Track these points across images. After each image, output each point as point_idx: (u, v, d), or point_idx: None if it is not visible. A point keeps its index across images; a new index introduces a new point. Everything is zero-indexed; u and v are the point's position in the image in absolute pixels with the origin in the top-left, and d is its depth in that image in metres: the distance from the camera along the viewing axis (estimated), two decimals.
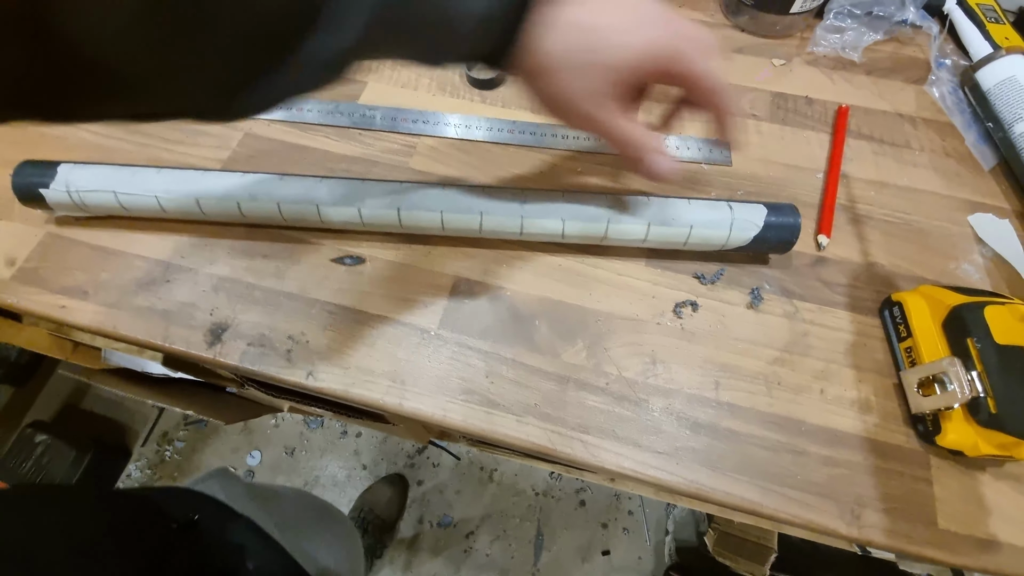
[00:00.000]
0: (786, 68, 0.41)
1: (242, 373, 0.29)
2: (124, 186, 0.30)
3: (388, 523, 1.02)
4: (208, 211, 0.30)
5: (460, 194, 0.30)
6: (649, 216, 0.29)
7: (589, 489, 1.08)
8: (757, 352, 0.30)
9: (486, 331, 0.30)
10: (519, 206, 0.30)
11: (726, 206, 0.29)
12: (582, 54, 0.22)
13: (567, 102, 0.24)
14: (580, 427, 0.27)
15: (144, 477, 1.08)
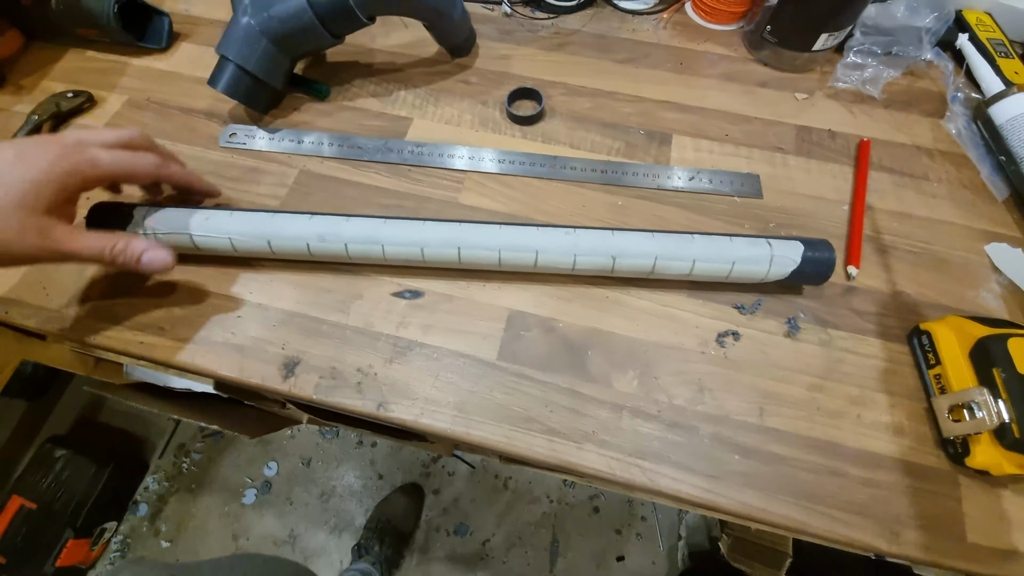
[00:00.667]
0: (808, 102, 0.44)
1: (316, 405, 0.31)
2: (199, 228, 0.32)
3: (405, 533, 1.04)
4: (278, 251, 0.32)
5: (516, 232, 0.32)
6: (694, 252, 0.31)
7: (602, 496, 1.10)
8: (796, 379, 0.32)
9: (542, 362, 0.32)
10: (572, 243, 0.32)
11: (765, 243, 0.32)
12: None
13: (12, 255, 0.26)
14: (637, 453, 0.29)
15: (162, 489, 1.09)
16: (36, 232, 0.26)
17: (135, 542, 1.05)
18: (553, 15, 0.49)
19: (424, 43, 0.47)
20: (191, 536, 1.05)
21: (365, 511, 1.08)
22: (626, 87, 0.44)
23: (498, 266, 0.33)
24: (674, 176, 0.39)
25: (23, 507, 0.95)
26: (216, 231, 0.32)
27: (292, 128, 0.41)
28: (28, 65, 0.46)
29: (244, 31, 0.36)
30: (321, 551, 1.05)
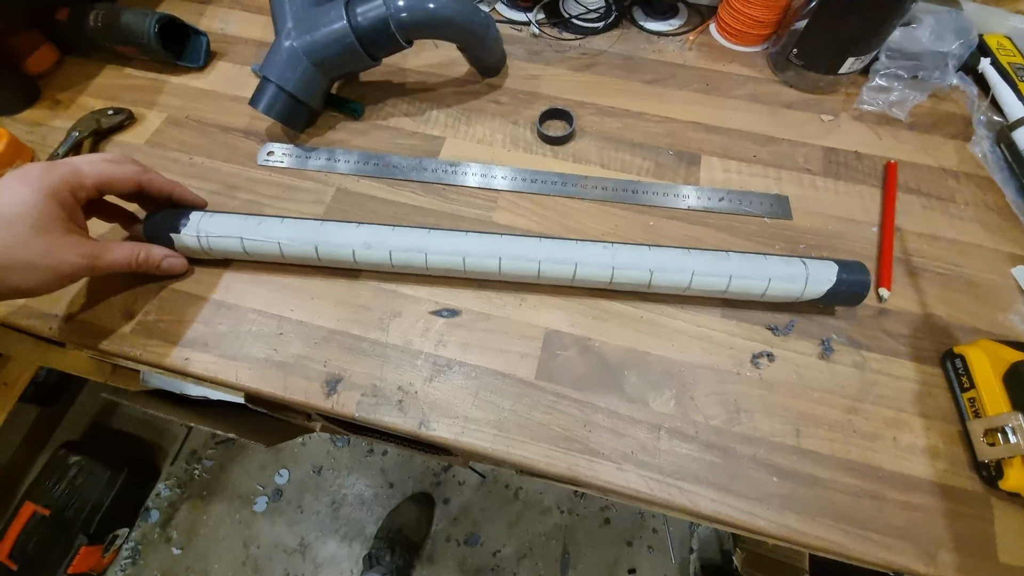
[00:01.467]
0: (834, 124, 0.44)
1: (358, 422, 0.31)
2: (250, 233, 0.33)
3: (416, 543, 1.04)
4: (324, 257, 0.33)
5: (556, 245, 0.33)
6: (730, 269, 0.32)
7: (613, 507, 1.09)
8: (832, 401, 0.32)
9: (580, 381, 0.32)
10: (611, 257, 0.32)
11: (800, 262, 0.32)
12: None
13: (51, 278, 0.28)
14: (676, 474, 0.29)
15: (173, 496, 1.09)
16: (68, 250, 0.28)
17: (146, 549, 1.05)
18: (580, 36, 0.50)
19: (455, 63, 0.48)
20: (202, 543, 1.05)
21: (376, 520, 1.08)
22: (654, 107, 0.45)
23: (537, 278, 0.33)
24: (704, 197, 0.39)
25: (36, 513, 0.95)
26: (266, 236, 0.33)
27: (328, 147, 0.42)
28: (64, 80, 0.47)
29: (286, 53, 0.37)
30: (332, 560, 1.05)
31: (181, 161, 0.41)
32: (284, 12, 0.38)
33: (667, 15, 0.51)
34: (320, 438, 1.17)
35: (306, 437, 1.16)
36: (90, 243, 0.30)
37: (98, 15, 0.44)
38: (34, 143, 0.43)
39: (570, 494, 1.11)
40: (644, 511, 1.09)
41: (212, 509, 1.08)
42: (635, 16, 0.51)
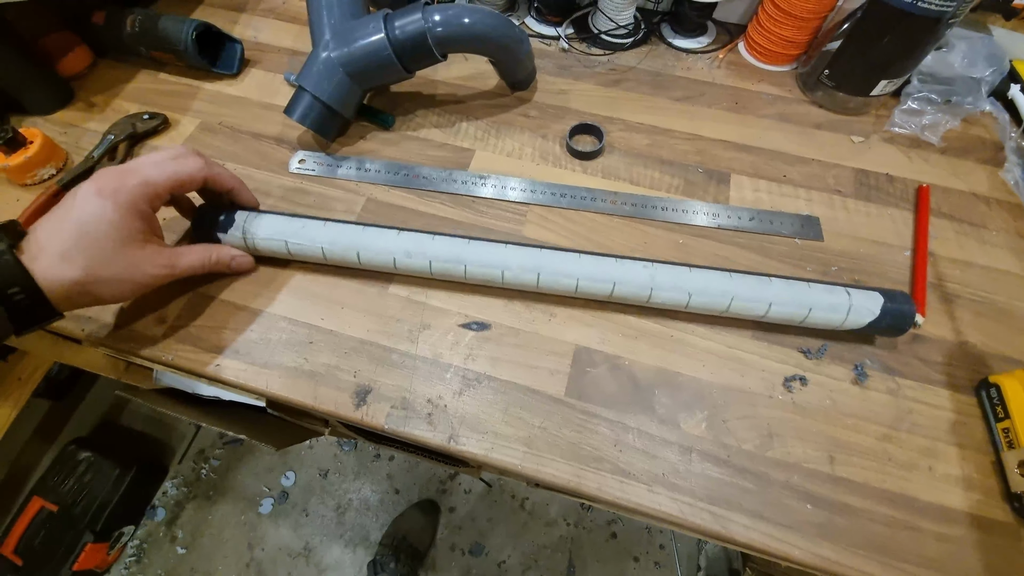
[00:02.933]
0: (864, 145, 0.44)
1: (387, 434, 0.31)
2: (294, 236, 0.33)
3: (420, 551, 1.03)
4: (365, 262, 0.34)
5: (595, 262, 0.33)
6: (771, 295, 0.32)
7: (620, 521, 1.08)
8: (866, 428, 0.32)
9: (610, 400, 0.32)
10: (650, 277, 0.32)
11: (844, 292, 0.32)
12: (92, 271, 0.27)
13: (132, 288, 0.30)
14: (708, 498, 0.29)
15: (180, 495, 1.09)
16: (148, 262, 0.29)
17: (151, 548, 1.05)
18: (609, 51, 0.50)
19: (484, 76, 0.48)
20: (207, 543, 1.05)
21: (381, 526, 1.08)
22: (683, 125, 0.45)
23: (573, 293, 0.33)
24: (734, 216, 0.39)
25: (44, 509, 0.95)
26: (310, 240, 0.33)
27: (358, 156, 0.42)
28: (98, 83, 0.48)
29: (323, 64, 0.38)
30: (336, 565, 1.04)
31: None
32: (322, 24, 0.38)
33: (696, 33, 0.51)
34: (327, 442, 1.17)
35: (313, 440, 1.16)
36: (167, 252, 0.31)
37: (136, 20, 0.45)
38: (68, 144, 0.43)
39: (577, 506, 1.10)
40: (652, 526, 1.08)
41: (218, 509, 1.08)
42: (664, 33, 0.51)
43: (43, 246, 0.26)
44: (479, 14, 0.38)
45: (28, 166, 0.40)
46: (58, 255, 0.26)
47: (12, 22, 0.42)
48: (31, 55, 0.44)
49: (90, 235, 0.27)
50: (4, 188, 0.41)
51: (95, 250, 0.27)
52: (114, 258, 0.28)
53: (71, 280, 0.27)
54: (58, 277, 0.26)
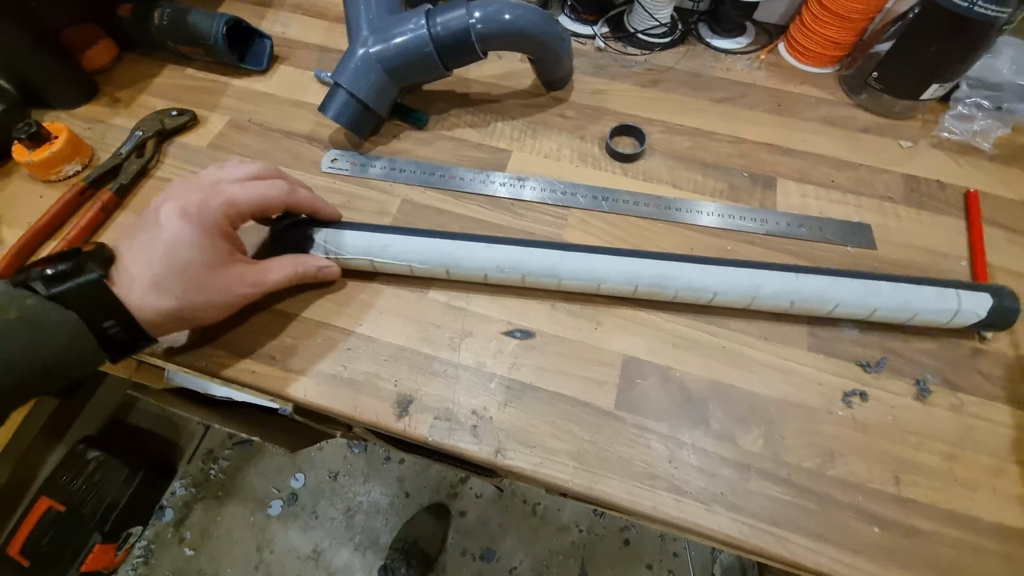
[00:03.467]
0: (913, 151, 0.43)
1: (431, 446, 0.30)
2: (381, 254, 0.32)
3: (431, 555, 1.02)
4: (455, 276, 0.33)
5: (697, 269, 0.31)
6: (877, 303, 0.31)
7: (634, 528, 1.07)
8: (930, 446, 0.30)
9: (662, 413, 0.31)
10: (754, 286, 0.31)
11: (954, 295, 0.31)
12: (184, 297, 0.26)
13: (223, 310, 0.29)
14: (770, 520, 0.28)
15: (188, 495, 1.08)
16: (237, 282, 0.28)
17: (159, 549, 1.03)
18: (646, 51, 0.49)
19: (518, 74, 0.47)
20: (215, 545, 1.04)
21: (391, 529, 1.06)
22: (725, 127, 0.44)
23: (673, 298, 0.32)
24: (783, 222, 0.38)
25: (51, 509, 0.94)
26: (397, 258, 0.32)
27: (392, 156, 0.41)
28: (123, 77, 0.47)
29: (361, 60, 0.36)
30: (345, 569, 1.03)
31: None
32: (359, 19, 0.37)
33: (734, 33, 0.50)
34: (337, 443, 1.15)
35: (323, 442, 1.15)
36: (255, 271, 0.29)
37: (164, 13, 0.44)
38: (93, 140, 0.42)
39: (589, 512, 1.09)
40: (665, 534, 1.07)
41: (227, 511, 1.07)
42: (701, 33, 0.50)
43: (134, 275, 0.25)
44: (523, 10, 0.36)
45: (53, 162, 0.39)
46: (151, 284, 0.25)
47: (35, 12, 0.41)
48: (54, 47, 0.43)
49: (181, 262, 0.26)
50: (27, 184, 0.40)
51: (187, 277, 0.26)
52: (206, 284, 0.27)
53: (166, 310, 0.26)
54: (153, 308, 0.25)
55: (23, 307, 0.22)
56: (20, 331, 0.22)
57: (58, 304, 0.23)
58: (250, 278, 0.29)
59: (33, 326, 0.22)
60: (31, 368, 0.22)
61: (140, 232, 0.27)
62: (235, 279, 0.28)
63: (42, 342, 0.22)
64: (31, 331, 0.22)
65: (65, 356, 0.23)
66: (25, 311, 0.22)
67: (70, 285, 0.24)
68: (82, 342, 0.24)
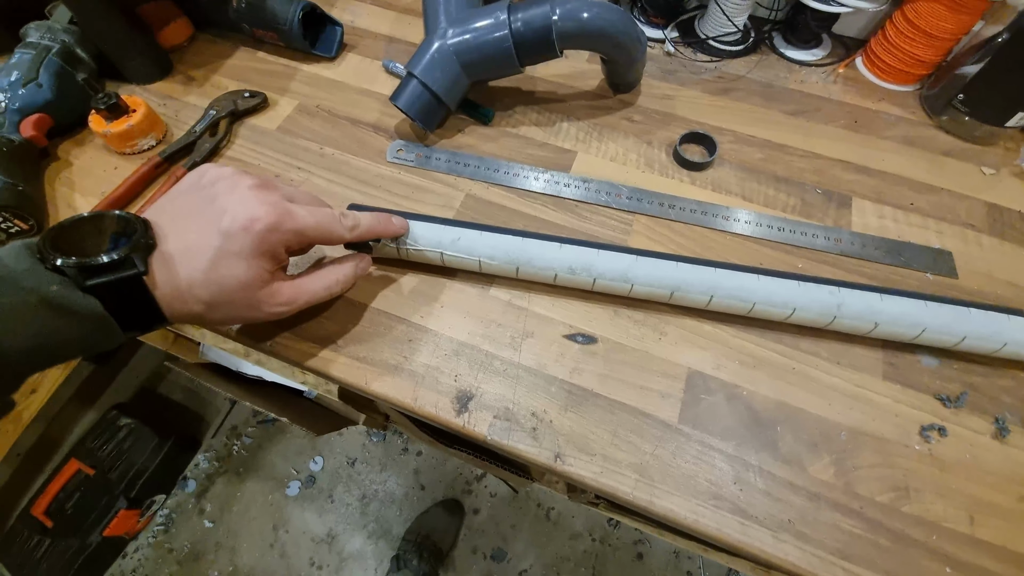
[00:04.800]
0: (995, 178, 0.41)
1: (489, 446, 0.30)
2: (450, 248, 0.32)
3: (443, 550, 1.02)
4: (524, 276, 0.32)
5: (775, 283, 0.31)
6: (967, 330, 0.30)
7: (647, 542, 1.05)
8: (1006, 487, 0.29)
9: (728, 432, 0.30)
10: (835, 304, 0.30)
11: (1005, 318, 0.29)
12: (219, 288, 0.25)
13: (247, 322, 0.28)
14: (840, 553, 0.27)
15: (211, 468, 1.11)
16: (268, 301, 0.27)
17: (180, 518, 1.06)
18: (716, 58, 0.48)
19: (584, 75, 0.46)
20: (233, 519, 1.06)
21: (404, 520, 1.07)
22: (798, 141, 0.42)
23: (749, 312, 0.31)
24: (858, 243, 0.37)
25: (80, 471, 0.96)
26: (467, 252, 0.32)
27: (455, 150, 0.41)
28: (196, 57, 0.48)
29: (437, 52, 0.36)
30: (358, 555, 1.04)
31: (312, 151, 0.41)
32: (438, 11, 0.37)
33: (810, 44, 0.48)
34: (357, 430, 1.16)
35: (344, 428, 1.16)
36: (289, 289, 0.28)
37: None
38: (167, 117, 0.43)
39: (603, 522, 1.07)
40: (680, 552, 1.05)
41: (246, 487, 1.09)
42: (775, 43, 0.49)
43: (172, 272, 0.24)
44: (603, 9, 0.36)
45: (130, 135, 0.39)
46: (186, 286, 0.24)
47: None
48: (134, 22, 0.44)
49: (224, 275, 0.25)
50: (102, 154, 0.41)
51: (223, 290, 0.25)
52: (238, 300, 0.26)
53: (192, 313, 0.25)
54: (180, 308, 0.25)
55: (47, 293, 0.21)
56: (39, 316, 0.21)
57: (89, 294, 0.22)
58: (283, 296, 0.27)
59: (55, 312, 0.21)
60: (45, 349, 0.22)
61: (191, 217, 0.25)
62: (267, 297, 0.27)
63: (62, 327, 0.21)
64: (51, 317, 0.21)
65: (83, 340, 0.23)
66: (49, 297, 0.21)
67: (108, 279, 0.22)
68: (104, 330, 0.23)
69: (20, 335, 0.21)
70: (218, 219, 0.24)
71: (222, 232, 0.24)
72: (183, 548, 1.04)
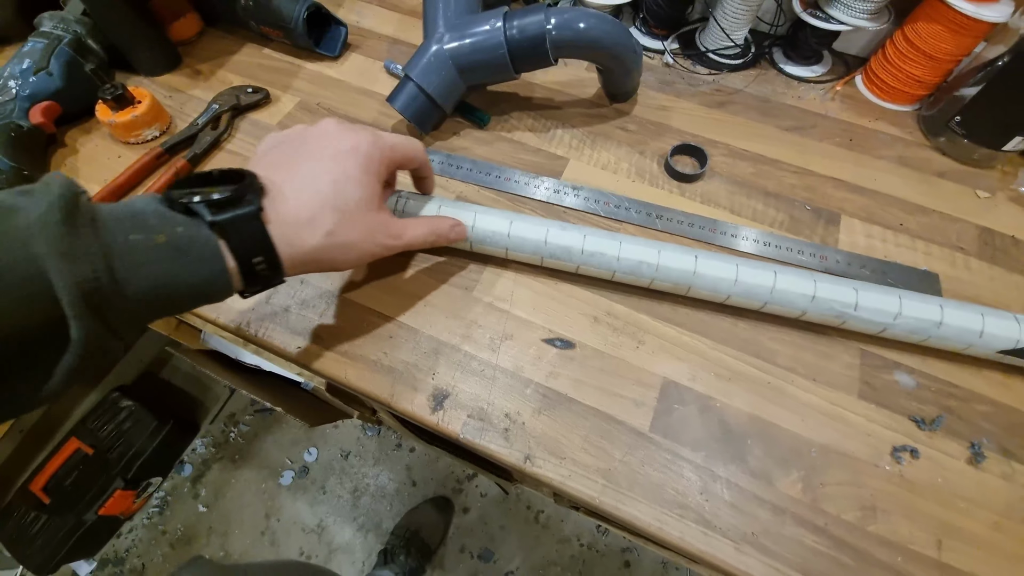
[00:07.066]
0: (990, 202, 0.41)
1: (462, 444, 0.30)
2: (516, 245, 0.33)
3: (430, 547, 1.02)
4: (583, 271, 0.33)
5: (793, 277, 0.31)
6: (942, 318, 0.30)
7: (635, 550, 1.05)
8: (977, 514, 0.28)
9: (698, 443, 0.30)
10: (852, 307, 0.31)
11: (1014, 318, 0.30)
12: (331, 238, 0.25)
13: (359, 257, 0.27)
14: (801, 568, 0.27)
15: (208, 454, 1.12)
16: (379, 231, 0.27)
17: (174, 501, 1.08)
18: (715, 71, 0.48)
19: (582, 83, 0.47)
20: (226, 505, 1.08)
21: (394, 515, 1.08)
22: (791, 157, 0.42)
23: (729, 294, 0.32)
24: (843, 261, 0.37)
25: (79, 450, 0.97)
26: (532, 251, 0.33)
27: (451, 152, 0.42)
28: (204, 51, 0.49)
29: (434, 56, 0.37)
30: (346, 547, 1.05)
31: None
32: (437, 16, 0.38)
33: (810, 61, 0.48)
34: (352, 424, 1.18)
35: (339, 421, 1.17)
36: (397, 223, 0.28)
37: None
38: (172, 108, 0.44)
39: (592, 528, 1.07)
40: (667, 561, 1.05)
41: (241, 474, 1.11)
42: (775, 58, 0.49)
43: (291, 206, 0.24)
44: (599, 20, 0.36)
45: (134, 125, 0.41)
46: (308, 218, 0.24)
47: None
48: (145, 15, 0.45)
49: (344, 197, 0.25)
50: (107, 143, 0.42)
51: (345, 213, 0.25)
52: (358, 223, 0.26)
53: (311, 247, 0.24)
54: (301, 244, 0.24)
55: (173, 233, 0.21)
56: (165, 257, 0.21)
57: (213, 233, 0.22)
58: (393, 228, 0.28)
59: (181, 254, 0.21)
60: (163, 294, 0.21)
61: (291, 161, 0.25)
62: (381, 225, 0.27)
63: (185, 270, 0.21)
64: (176, 258, 0.21)
65: (203, 287, 0.22)
66: (174, 238, 0.21)
67: (231, 215, 0.22)
68: (224, 277, 0.22)
69: (143, 276, 0.20)
70: (321, 153, 0.25)
71: (332, 159, 0.25)
72: (176, 531, 1.05)
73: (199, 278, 0.22)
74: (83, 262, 0.18)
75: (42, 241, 0.18)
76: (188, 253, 0.21)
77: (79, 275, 0.18)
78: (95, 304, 0.18)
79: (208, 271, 0.22)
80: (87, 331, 0.18)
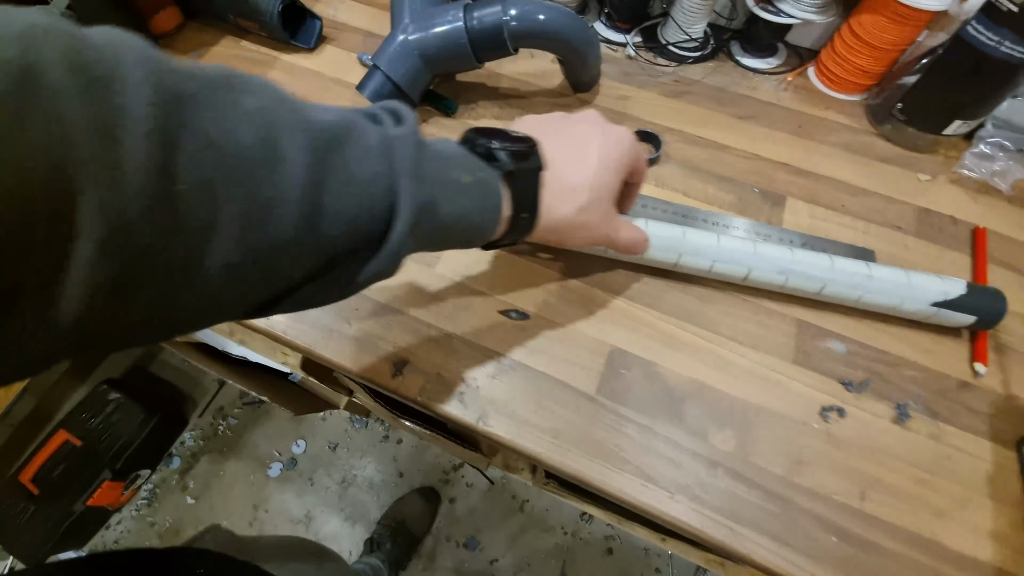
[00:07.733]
0: (931, 184, 0.43)
1: (419, 406, 0.32)
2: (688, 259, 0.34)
3: (416, 536, 1.04)
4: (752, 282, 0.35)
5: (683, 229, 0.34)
6: (873, 273, 0.33)
7: (618, 538, 1.07)
8: (902, 469, 0.31)
9: (641, 404, 0.32)
10: (752, 255, 0.33)
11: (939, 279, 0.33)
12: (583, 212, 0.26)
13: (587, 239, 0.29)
14: (730, 515, 0.29)
15: (196, 447, 1.14)
16: (609, 221, 0.29)
17: (163, 493, 1.09)
18: (675, 63, 0.50)
19: (548, 74, 0.49)
20: (215, 497, 1.09)
21: (381, 506, 1.09)
22: (743, 143, 0.45)
23: (744, 281, 0.34)
24: (785, 238, 0.39)
25: (68, 442, 0.98)
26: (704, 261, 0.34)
27: None
28: (184, 43, 0.51)
29: (400, 47, 0.39)
30: (333, 537, 1.06)
31: None
32: (403, 7, 0.40)
33: (765, 53, 0.50)
34: (340, 416, 1.19)
35: (327, 412, 1.19)
36: (619, 219, 0.30)
37: None
38: None
39: (576, 517, 1.09)
40: (650, 548, 1.07)
41: (229, 466, 1.12)
42: (732, 50, 0.51)
43: (559, 173, 0.26)
44: (555, 12, 0.38)
45: None
46: (570, 188, 0.26)
47: None
48: (126, 8, 0.47)
49: (601, 177, 0.26)
50: None
51: (597, 193, 0.26)
52: (601, 206, 0.27)
53: (561, 216, 0.26)
54: (555, 210, 0.26)
55: (476, 175, 0.23)
56: (469, 195, 0.22)
57: (501, 181, 0.24)
58: (616, 223, 0.29)
59: (481, 194, 0.23)
60: (459, 227, 0.23)
61: (564, 137, 0.27)
62: (612, 218, 0.28)
63: (476, 209, 0.23)
64: (477, 198, 0.23)
65: (482, 227, 0.24)
66: (478, 180, 0.23)
67: (524, 167, 0.24)
68: (497, 223, 0.24)
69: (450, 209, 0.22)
70: (591, 133, 0.28)
71: (601, 141, 0.27)
72: (165, 523, 1.06)
73: (482, 219, 0.23)
74: (426, 187, 0.20)
75: (403, 159, 0.19)
76: (486, 195, 0.23)
77: (422, 197, 0.20)
78: (416, 223, 0.20)
79: (492, 214, 0.24)
80: (403, 245, 0.20)
